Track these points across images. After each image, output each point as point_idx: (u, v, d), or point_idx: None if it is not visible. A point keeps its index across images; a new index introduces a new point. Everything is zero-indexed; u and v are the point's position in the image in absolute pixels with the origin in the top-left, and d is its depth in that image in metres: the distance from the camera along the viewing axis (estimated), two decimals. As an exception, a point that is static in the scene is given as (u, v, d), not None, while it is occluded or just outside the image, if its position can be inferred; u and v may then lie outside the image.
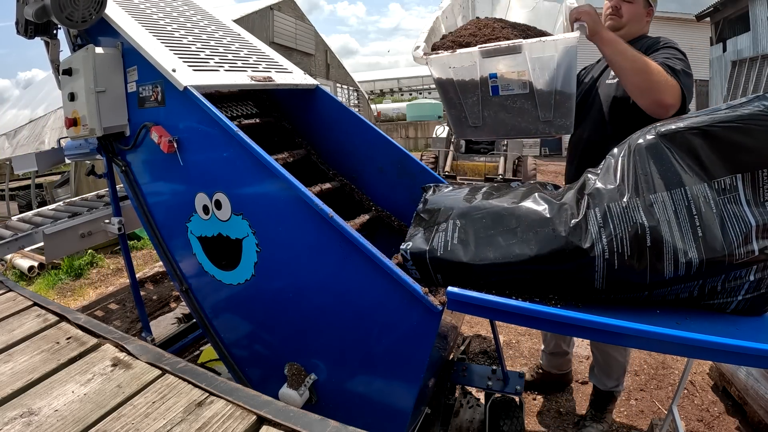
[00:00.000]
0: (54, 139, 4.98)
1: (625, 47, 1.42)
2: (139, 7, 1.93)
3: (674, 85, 1.39)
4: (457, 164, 8.24)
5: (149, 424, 0.78)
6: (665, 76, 1.39)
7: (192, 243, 1.62)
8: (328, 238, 1.23)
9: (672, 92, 1.39)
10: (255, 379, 1.63)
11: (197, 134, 1.50)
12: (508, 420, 1.71)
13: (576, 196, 1.08)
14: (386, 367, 1.25)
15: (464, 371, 1.79)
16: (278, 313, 1.43)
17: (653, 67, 1.39)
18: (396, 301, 1.15)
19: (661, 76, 1.38)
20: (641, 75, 1.39)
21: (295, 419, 0.76)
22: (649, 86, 1.39)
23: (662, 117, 1.38)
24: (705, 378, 2.55)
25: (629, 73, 1.42)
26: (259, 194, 1.37)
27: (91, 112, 1.64)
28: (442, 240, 1.14)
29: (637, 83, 1.41)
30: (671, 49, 1.56)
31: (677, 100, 1.40)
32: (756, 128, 0.97)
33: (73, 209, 2.95)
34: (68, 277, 4.55)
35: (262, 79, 1.83)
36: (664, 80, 1.38)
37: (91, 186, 6.18)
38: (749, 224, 0.96)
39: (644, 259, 0.97)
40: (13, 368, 0.97)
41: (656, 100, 1.40)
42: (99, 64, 1.64)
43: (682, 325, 0.96)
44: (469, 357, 2.49)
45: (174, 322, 3.11)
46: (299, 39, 15.70)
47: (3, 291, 1.35)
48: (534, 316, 1.00)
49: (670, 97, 1.39)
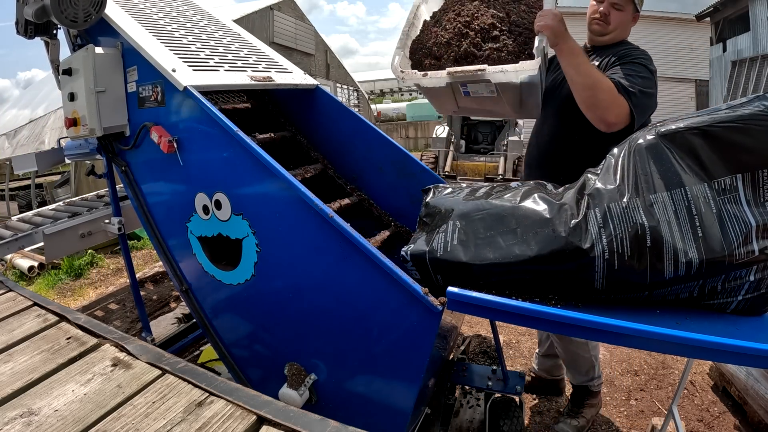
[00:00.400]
0: (54, 139, 4.98)
1: (580, 61, 1.44)
2: (139, 7, 1.93)
3: (622, 105, 1.43)
4: (457, 164, 8.25)
5: (149, 424, 0.78)
6: (614, 95, 1.42)
7: (192, 243, 1.62)
8: (328, 238, 1.23)
9: (617, 112, 1.43)
10: (255, 379, 1.63)
11: (197, 134, 1.50)
12: (508, 420, 1.71)
13: (576, 197, 1.08)
14: (386, 367, 1.25)
15: (464, 371, 1.79)
16: (278, 313, 1.43)
17: (604, 85, 1.43)
18: (396, 301, 1.15)
19: (609, 95, 1.42)
20: (589, 91, 1.43)
21: (295, 419, 0.76)
22: (594, 103, 1.44)
23: (606, 132, 1.46)
24: (705, 378, 2.55)
25: (579, 87, 1.46)
26: (259, 194, 1.37)
27: (91, 112, 1.64)
28: (442, 241, 1.14)
29: (584, 98, 1.46)
30: (638, 65, 1.55)
31: (622, 119, 1.44)
32: (756, 128, 0.97)
33: (73, 209, 2.95)
34: (68, 277, 4.55)
35: (262, 79, 1.83)
36: (611, 99, 1.42)
37: (91, 186, 6.18)
38: (749, 224, 0.96)
39: (644, 260, 0.97)
40: (13, 368, 0.97)
41: (599, 117, 1.44)
42: (99, 64, 1.64)
43: (682, 325, 0.96)
44: (469, 357, 2.49)
45: (174, 322, 3.11)
46: (299, 39, 15.70)
47: (3, 291, 1.35)
48: (534, 316, 1.00)
49: (614, 116, 1.43)
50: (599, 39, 1.73)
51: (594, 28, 1.73)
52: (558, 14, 1.44)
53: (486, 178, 7.64)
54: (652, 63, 1.59)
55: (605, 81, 1.44)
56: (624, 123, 1.45)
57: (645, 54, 1.62)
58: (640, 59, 1.58)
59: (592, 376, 2.09)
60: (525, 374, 1.88)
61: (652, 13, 15.30)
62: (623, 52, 1.62)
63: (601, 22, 1.70)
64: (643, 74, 1.52)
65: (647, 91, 1.49)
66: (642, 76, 1.51)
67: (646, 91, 1.48)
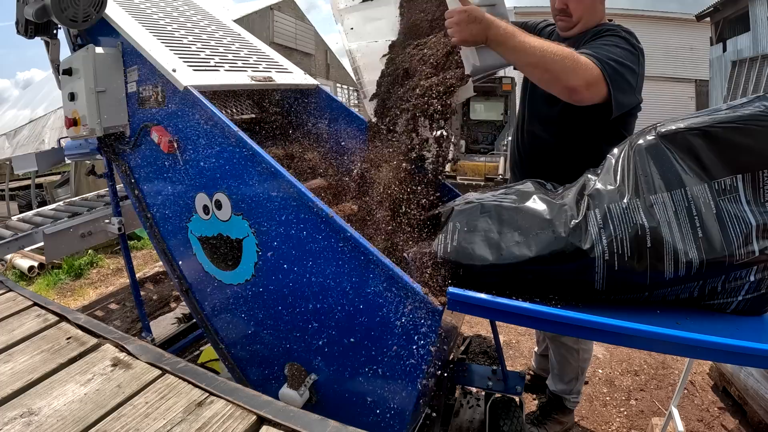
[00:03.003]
0: (54, 139, 4.98)
1: (515, 44, 1.21)
2: (140, 7, 1.93)
3: (588, 67, 1.19)
4: (457, 164, 8.23)
5: (149, 424, 0.78)
6: (573, 58, 1.19)
7: (192, 243, 1.62)
8: (328, 238, 1.23)
9: (584, 75, 1.19)
10: (255, 379, 1.63)
11: (197, 134, 1.50)
12: (508, 420, 1.71)
13: (576, 197, 1.08)
14: (386, 368, 1.25)
15: (464, 371, 1.79)
16: (278, 313, 1.43)
17: (554, 51, 1.19)
18: (396, 301, 1.15)
19: (567, 60, 1.18)
20: (540, 66, 1.21)
21: (295, 419, 0.76)
22: (552, 75, 1.21)
23: (582, 103, 1.24)
24: (705, 378, 2.55)
25: (528, 69, 1.26)
26: (259, 194, 1.37)
27: (91, 112, 1.64)
28: (442, 242, 1.14)
29: (538, 76, 1.26)
30: (611, 37, 1.34)
31: (594, 85, 1.20)
32: (756, 129, 0.97)
33: (73, 209, 2.95)
34: (68, 277, 4.55)
35: (263, 79, 1.83)
36: (572, 63, 1.18)
37: (91, 186, 6.18)
38: (749, 225, 0.96)
39: (644, 260, 0.97)
40: (13, 368, 0.96)
41: (563, 86, 1.21)
42: (99, 64, 1.63)
43: (682, 325, 0.96)
44: (469, 357, 2.49)
45: (174, 322, 3.11)
46: (299, 39, 15.71)
47: (3, 291, 1.34)
48: (534, 316, 1.00)
49: (580, 79, 1.18)
50: (569, 33, 1.57)
51: (559, 25, 1.59)
52: (464, 10, 1.22)
53: (486, 178, 7.63)
54: (634, 38, 1.37)
55: (555, 47, 1.20)
56: (599, 93, 1.22)
57: (626, 30, 1.41)
58: (617, 33, 1.37)
59: (571, 389, 2.04)
60: (525, 374, 1.88)
61: (652, 13, 15.31)
62: (599, 30, 1.43)
63: (563, 18, 1.54)
64: (621, 45, 1.31)
65: (624, 63, 1.26)
66: (618, 46, 1.30)
67: (622, 62, 1.25)
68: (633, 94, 1.33)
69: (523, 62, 1.25)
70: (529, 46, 1.20)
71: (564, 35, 1.58)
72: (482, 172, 7.92)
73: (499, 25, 1.22)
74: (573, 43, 1.45)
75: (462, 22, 1.22)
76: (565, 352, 1.98)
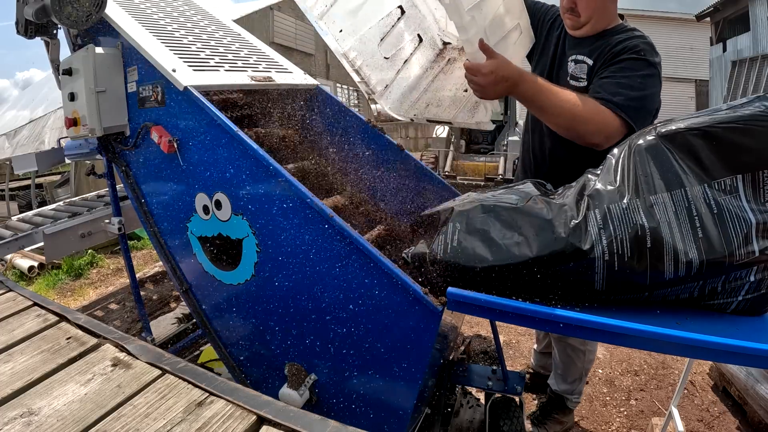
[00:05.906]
0: (54, 139, 4.98)
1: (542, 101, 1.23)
2: (140, 7, 1.93)
3: (610, 123, 1.23)
4: (457, 164, 8.23)
5: (149, 424, 0.78)
6: (598, 120, 1.22)
7: (192, 243, 1.62)
8: (328, 239, 1.23)
9: (606, 133, 1.24)
10: (255, 379, 1.63)
11: (197, 134, 1.50)
12: (508, 420, 1.71)
13: (576, 197, 1.08)
14: (386, 368, 1.25)
15: (464, 371, 1.79)
16: (278, 313, 1.43)
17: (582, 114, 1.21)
18: (396, 301, 1.15)
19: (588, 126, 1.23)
20: (570, 129, 1.26)
21: (295, 419, 0.76)
22: (579, 135, 1.27)
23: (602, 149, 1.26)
24: (705, 378, 2.55)
25: (555, 127, 1.29)
26: (259, 194, 1.37)
27: (91, 112, 1.64)
28: (442, 243, 1.14)
29: (566, 134, 1.29)
30: (635, 61, 1.33)
31: (615, 135, 1.25)
32: (756, 129, 0.97)
33: (73, 209, 2.94)
34: (68, 277, 4.55)
35: (262, 79, 1.83)
36: (593, 128, 1.23)
37: (91, 186, 6.18)
38: (749, 225, 0.96)
39: (644, 261, 0.97)
40: (13, 368, 0.96)
41: (588, 143, 1.29)
42: (99, 64, 1.63)
43: (682, 325, 0.96)
44: (469, 357, 2.49)
45: (174, 322, 3.11)
46: (299, 39, 15.71)
47: (3, 291, 1.34)
48: (534, 316, 1.00)
49: (603, 138, 1.25)
50: (577, 33, 1.53)
51: (567, 23, 1.54)
52: (491, 72, 1.19)
53: (486, 178, 7.63)
54: (653, 52, 1.37)
55: (581, 105, 1.22)
56: (619, 135, 1.27)
57: (644, 42, 1.39)
58: (637, 52, 1.36)
59: (573, 389, 2.05)
60: (525, 374, 1.88)
61: (652, 13, 15.31)
62: (617, 48, 1.40)
63: (571, 16, 1.50)
64: (641, 71, 1.33)
65: (645, 94, 1.31)
66: (639, 73, 1.33)
67: (643, 95, 1.30)
68: (651, 113, 1.34)
69: (550, 121, 1.28)
70: (557, 107, 1.22)
71: (573, 34, 1.56)
72: (482, 172, 7.92)
73: (527, 79, 1.21)
74: (588, 45, 1.48)
75: (489, 85, 1.21)
76: (571, 352, 1.98)
